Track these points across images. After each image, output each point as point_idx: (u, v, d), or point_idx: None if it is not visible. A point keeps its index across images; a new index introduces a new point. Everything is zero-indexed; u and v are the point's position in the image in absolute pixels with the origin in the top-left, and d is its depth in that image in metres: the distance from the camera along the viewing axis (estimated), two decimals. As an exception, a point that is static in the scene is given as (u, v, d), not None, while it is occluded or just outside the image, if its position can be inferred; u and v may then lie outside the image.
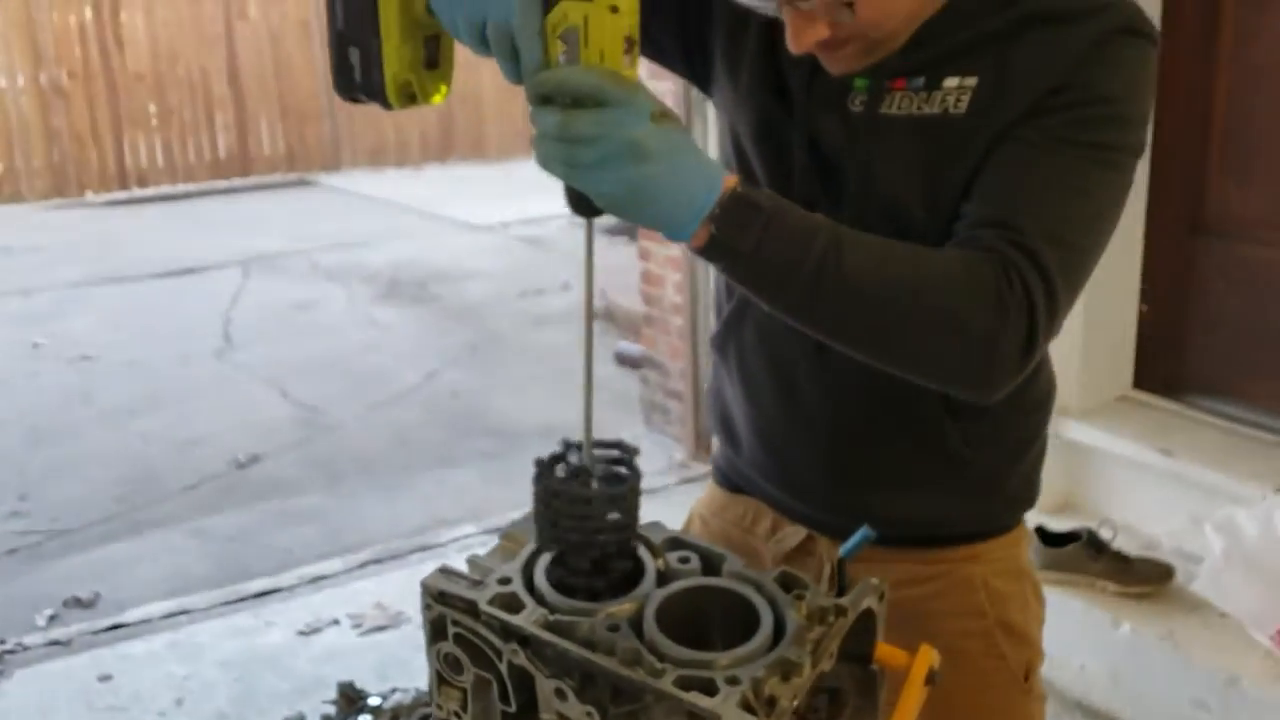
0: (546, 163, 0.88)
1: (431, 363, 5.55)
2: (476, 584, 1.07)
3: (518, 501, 3.89)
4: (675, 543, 1.12)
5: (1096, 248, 1.06)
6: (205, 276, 7.58)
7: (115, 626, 3.20)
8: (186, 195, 11.25)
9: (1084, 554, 2.63)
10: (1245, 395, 2.81)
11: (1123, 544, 2.70)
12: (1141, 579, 2.60)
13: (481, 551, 1.09)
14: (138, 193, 11.43)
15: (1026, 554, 1.33)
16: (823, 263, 0.96)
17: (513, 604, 1.03)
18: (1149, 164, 2.86)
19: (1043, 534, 2.69)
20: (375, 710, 2.39)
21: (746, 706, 0.92)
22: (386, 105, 0.99)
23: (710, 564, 1.10)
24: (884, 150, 1.11)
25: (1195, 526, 2.61)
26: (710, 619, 1.06)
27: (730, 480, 1.39)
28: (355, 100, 1.01)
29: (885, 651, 1.10)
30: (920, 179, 1.10)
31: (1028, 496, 1.30)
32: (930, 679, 1.08)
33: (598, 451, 1.10)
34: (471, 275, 7.33)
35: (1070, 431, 2.91)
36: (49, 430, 4.82)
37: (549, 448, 1.13)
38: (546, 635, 0.99)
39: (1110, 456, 2.87)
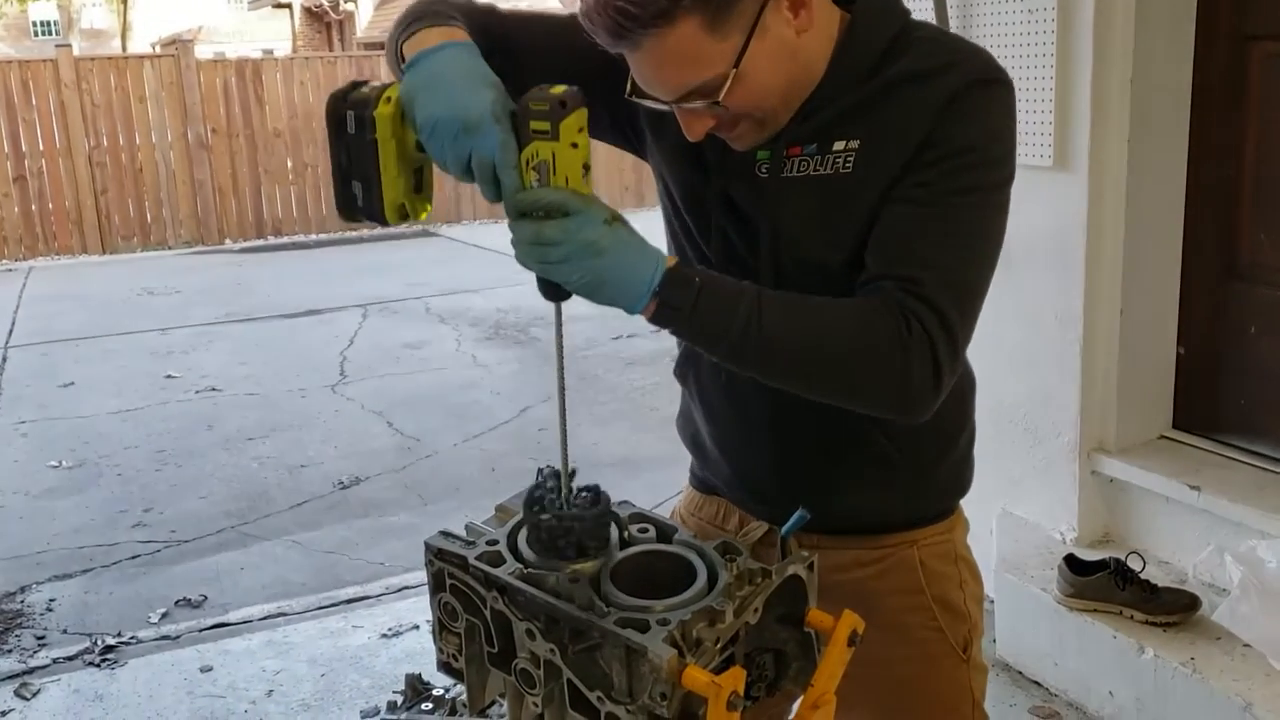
0: (525, 261, 1.13)
1: (525, 399, 5.85)
2: (469, 544, 1.30)
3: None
4: (638, 516, 1.34)
5: (984, 274, 1.25)
6: (327, 318, 8.05)
7: (219, 625, 3.53)
8: (317, 244, 11.88)
9: (1111, 583, 2.73)
10: (1276, 435, 2.89)
11: (1154, 575, 2.79)
12: (1167, 609, 2.70)
13: None
14: (272, 241, 12.15)
15: (963, 540, 1.50)
16: (746, 323, 1.17)
17: (495, 560, 1.26)
18: (1184, 211, 2.98)
19: (1072, 563, 2.80)
20: (438, 699, 2.63)
21: (673, 643, 1.13)
22: (384, 224, 1.23)
23: (664, 534, 1.31)
24: (789, 208, 1.30)
25: (1221, 559, 2.70)
26: (660, 579, 1.27)
27: (704, 484, 1.59)
28: (356, 220, 1.25)
29: (816, 617, 1.28)
30: (822, 231, 1.28)
31: (957, 487, 1.48)
32: (852, 640, 1.26)
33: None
34: (570, 319, 7.43)
35: (1108, 468, 3.02)
36: (174, 453, 5.24)
37: (624, 478, 1.34)
38: (519, 585, 1.22)
39: (1145, 492, 2.97)
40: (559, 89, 1.11)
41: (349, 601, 3.65)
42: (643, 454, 4.84)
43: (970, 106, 1.22)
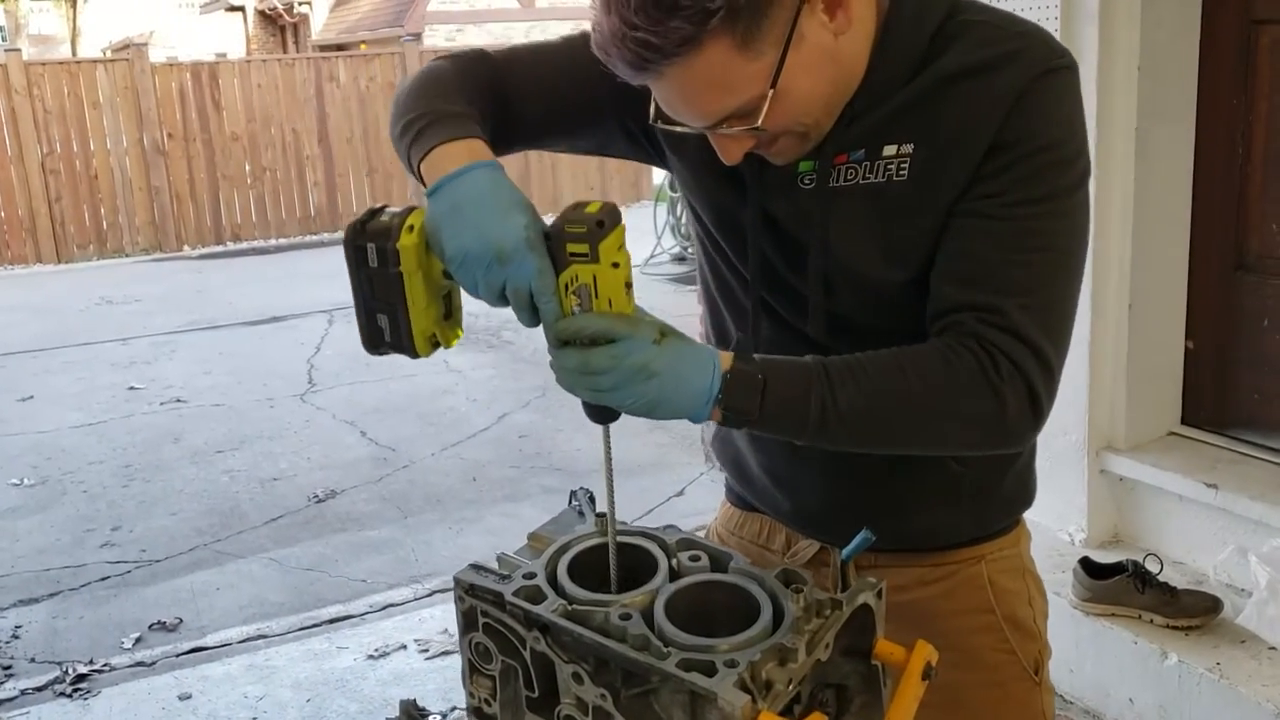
0: (574, 389, 1.04)
1: (503, 405, 5.72)
2: (504, 578, 1.18)
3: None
4: (687, 543, 1.23)
5: (1071, 289, 1.14)
6: (292, 325, 7.88)
7: (196, 649, 3.38)
8: (278, 249, 11.70)
9: (1130, 586, 2.65)
10: (1293, 430, 2.83)
11: (1170, 577, 2.72)
12: (1188, 612, 2.62)
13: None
14: (231, 246, 11.94)
15: (1028, 552, 1.41)
16: (823, 410, 1.08)
17: (536, 596, 1.14)
18: (1191, 202, 2.91)
19: (1088, 565, 2.72)
20: (436, 727, 2.51)
21: (743, 687, 1.02)
22: (414, 356, 1.13)
23: (718, 563, 1.20)
24: (838, 220, 1.18)
25: (1241, 559, 2.63)
26: (717, 612, 1.16)
27: (744, 501, 1.48)
28: (382, 354, 1.15)
29: (884, 648, 1.18)
30: (875, 243, 1.17)
31: (1023, 497, 1.38)
32: (927, 673, 1.16)
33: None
34: (543, 323, 7.49)
35: (1118, 467, 2.94)
36: (141, 467, 5.06)
37: (617, 483, 1.22)
38: (565, 623, 1.10)
39: (1157, 491, 2.90)
40: (594, 206, 1.02)
41: (332, 621, 3.52)
42: (630, 460, 4.72)
43: (1041, 101, 1.10)
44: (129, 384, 6.47)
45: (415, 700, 2.61)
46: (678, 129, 1.13)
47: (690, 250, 8.93)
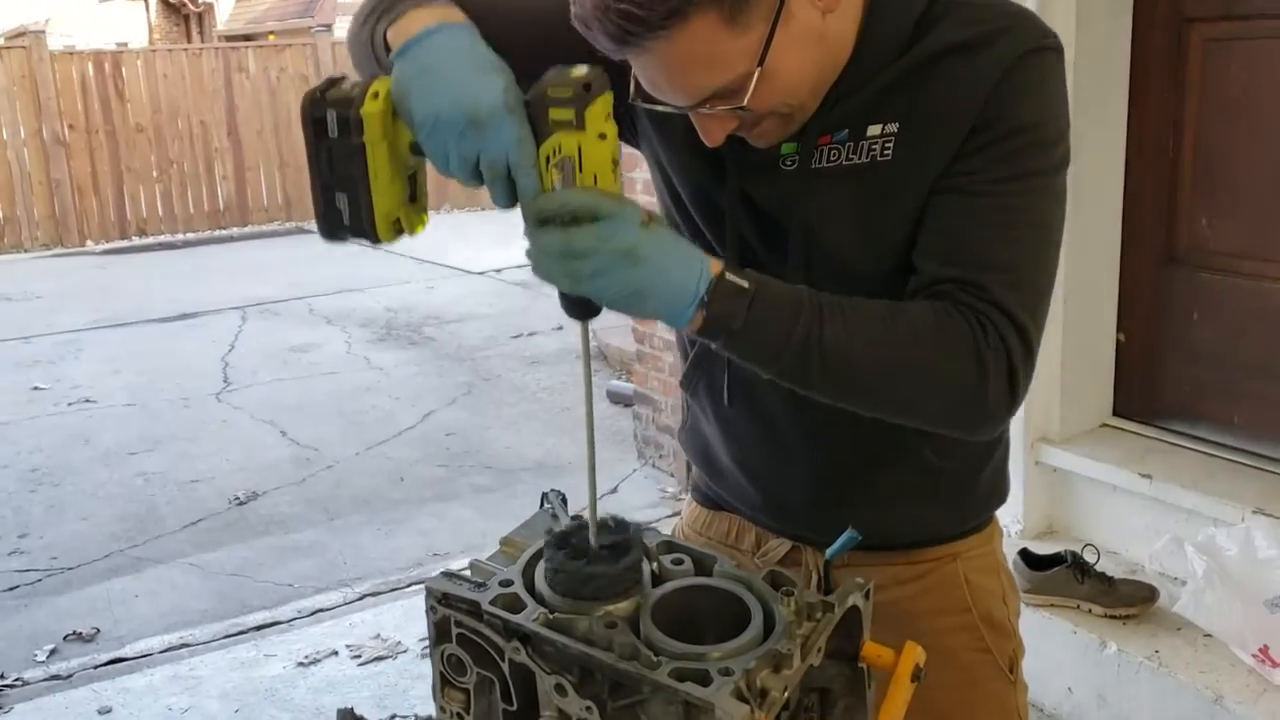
0: (550, 277, 0.96)
1: (428, 403, 5.61)
2: (479, 586, 1.12)
3: (514, 535, 3.91)
4: (669, 545, 1.18)
5: (1050, 270, 1.13)
6: (204, 321, 7.66)
7: (115, 660, 3.25)
8: (186, 244, 11.39)
9: (1069, 577, 2.68)
10: (1220, 420, 2.88)
11: (1106, 567, 2.75)
12: (1126, 601, 2.65)
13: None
14: (137, 241, 11.58)
15: (1000, 549, 1.40)
16: (806, 336, 1.03)
17: (514, 604, 1.09)
18: (1122, 196, 2.95)
19: (1027, 557, 2.74)
20: (377, 736, 2.43)
21: (739, 696, 0.98)
22: (376, 242, 1.04)
23: (702, 566, 1.16)
24: (820, 202, 1.15)
25: (1177, 549, 2.67)
26: (703, 617, 1.12)
27: (711, 499, 1.44)
28: (340, 241, 1.05)
29: (872, 650, 1.15)
30: (858, 226, 1.14)
31: (998, 494, 1.37)
32: (916, 675, 1.13)
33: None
34: (466, 318, 7.41)
35: (1052, 458, 2.97)
36: (49, 471, 4.86)
37: (544, 483, 1.18)
38: (547, 633, 1.05)
39: (1092, 482, 2.93)
40: (580, 71, 0.94)
41: (259, 628, 3.40)
42: (561, 457, 4.67)
43: (1026, 79, 1.08)
44: (33, 384, 6.23)
45: (353, 709, 2.52)
46: (659, 108, 1.08)
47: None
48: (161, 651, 3.28)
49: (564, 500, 1.30)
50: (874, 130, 1.12)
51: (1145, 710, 2.54)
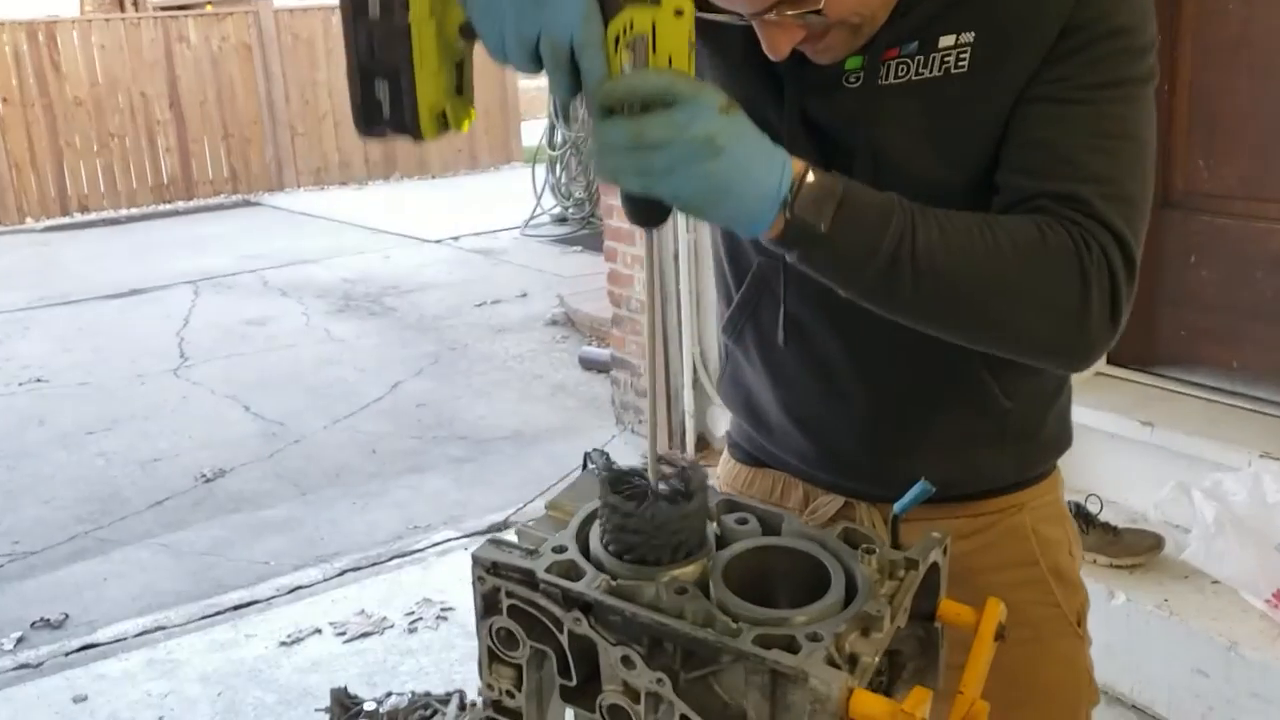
0: (618, 175, 0.85)
1: (394, 374, 5.48)
2: (530, 553, 1.03)
3: (495, 504, 3.86)
4: (730, 504, 1.10)
5: (1149, 186, 1.05)
6: (155, 297, 7.45)
7: (87, 646, 3.11)
8: (130, 219, 11.09)
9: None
10: (1219, 365, 2.84)
11: (1109, 517, 2.71)
12: (1132, 550, 2.62)
13: (465, 555, 1.05)
14: (80, 218, 11.25)
15: (1063, 499, 1.33)
16: (898, 245, 0.93)
17: (572, 571, 1.00)
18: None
19: (1034, 510, 2.69)
20: (372, 715, 2.33)
21: (831, 663, 0.90)
22: (419, 137, 0.92)
23: (769, 525, 1.07)
24: (888, 122, 1.06)
25: (1181, 496, 2.63)
26: (777, 580, 1.04)
27: (753, 455, 1.36)
28: (379, 136, 0.94)
29: (950, 609, 1.07)
30: (931, 145, 1.06)
31: (1064, 438, 1.30)
32: (999, 634, 1.06)
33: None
34: (426, 288, 7.26)
35: (1053, 409, 2.93)
36: (4, 454, 4.69)
37: (521, 451, 1.08)
38: (612, 600, 0.96)
39: (1091, 431, 2.89)
40: None
41: (236, 608, 3.28)
42: (536, 425, 4.57)
43: None
44: (-21, 365, 6.02)
45: (345, 688, 2.43)
46: (721, 18, 0.99)
47: (571, 210, 8.75)
48: (136, 635, 3.15)
49: (608, 460, 1.21)
50: (947, 41, 1.04)
51: (1156, 659, 2.50)
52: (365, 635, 3.06)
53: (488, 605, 1.06)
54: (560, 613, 0.99)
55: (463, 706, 2.32)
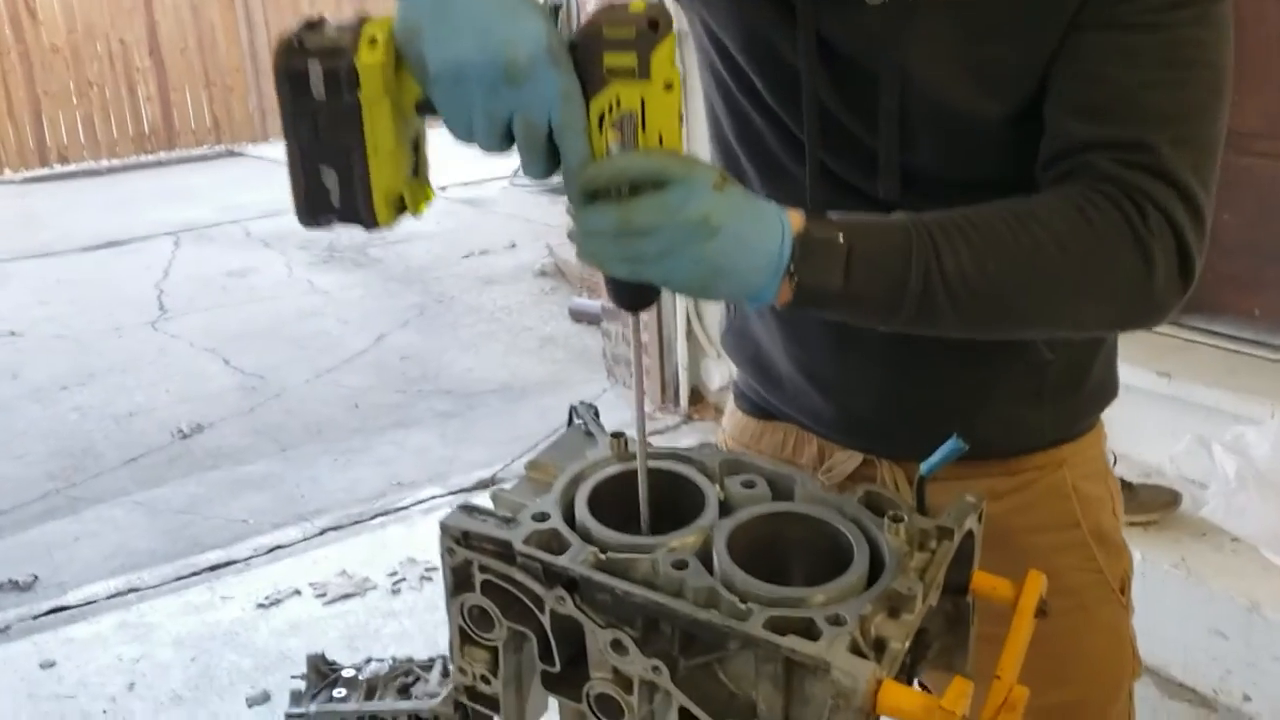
0: (603, 261, 0.78)
1: (378, 326, 5.34)
2: (507, 522, 0.90)
3: (482, 460, 3.73)
4: (734, 464, 0.97)
5: (1222, 120, 0.91)
6: (134, 249, 7.27)
7: (57, 609, 2.99)
8: (110, 170, 10.88)
9: (1088, 484, 2.52)
10: (1240, 313, 2.72)
11: (1122, 471, 2.59)
12: (1147, 507, 2.50)
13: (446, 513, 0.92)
14: (59, 169, 11.02)
15: (1106, 453, 1.20)
16: (926, 278, 0.84)
17: (554, 543, 0.88)
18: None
19: (1045, 466, 2.58)
20: (350, 682, 2.22)
21: (855, 651, 0.77)
22: (372, 226, 0.81)
23: (779, 488, 0.94)
24: (919, 44, 0.92)
25: (1200, 450, 2.52)
26: (788, 552, 0.91)
27: (763, 408, 1.23)
28: (324, 226, 0.83)
29: (985, 581, 0.95)
30: (968, 72, 0.92)
31: (1109, 389, 1.18)
32: (1041, 610, 0.94)
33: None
34: (412, 238, 7.09)
35: (1064, 360, 2.80)
36: (-26, 409, 4.55)
37: (509, 406, 0.95)
38: (601, 577, 0.84)
39: (1107, 383, 2.77)
40: (640, 4, 0.74)
41: (213, 568, 3.16)
42: (525, 378, 4.43)
43: None
44: (-47, 319, 5.86)
45: (323, 654, 2.32)
46: None
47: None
48: (107, 598, 3.03)
49: (596, 414, 1.07)
50: None
51: (1173, 620, 2.39)
52: (346, 597, 2.95)
53: (459, 580, 0.93)
54: (541, 590, 0.87)
55: (446, 672, 2.21)
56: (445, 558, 0.93)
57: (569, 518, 0.91)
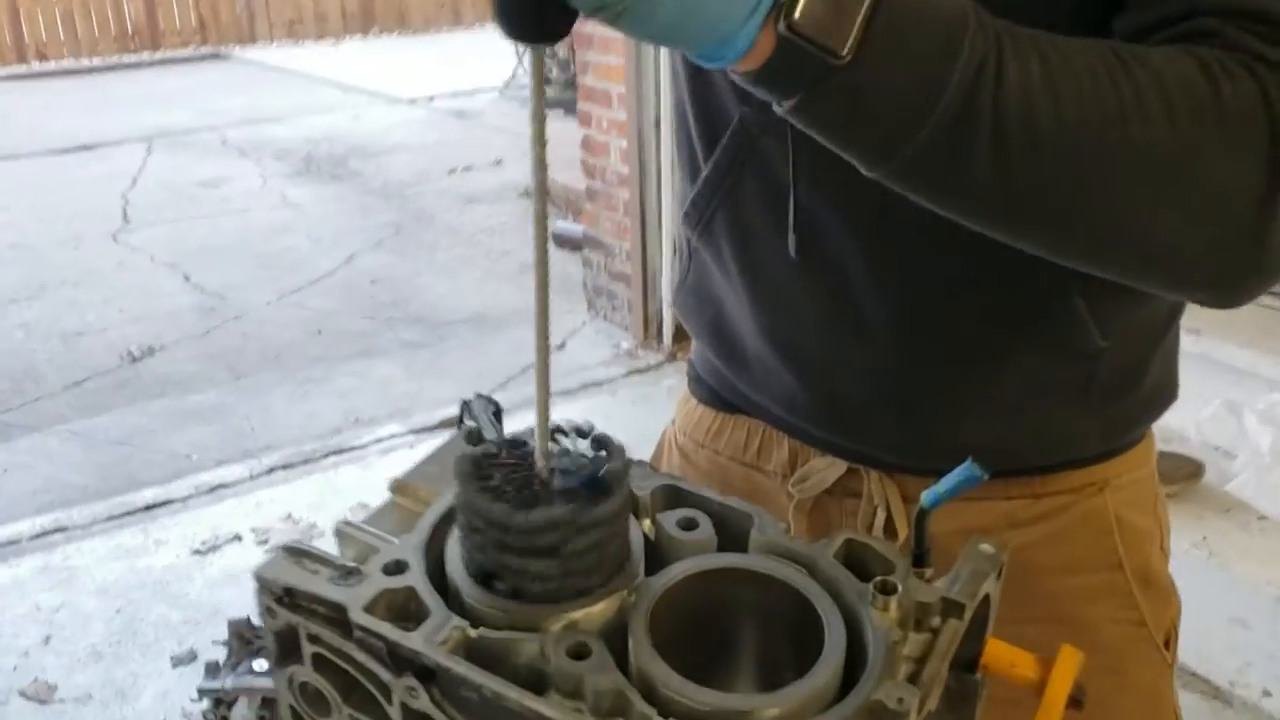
0: None
1: (351, 245, 5.07)
2: (349, 573, 0.65)
3: (448, 396, 3.48)
4: (672, 492, 0.71)
5: None
6: (104, 153, 6.99)
7: (-24, 550, 2.77)
8: (91, 70, 10.57)
9: (1102, 452, 2.29)
10: None
11: (1141, 438, 2.36)
12: (1168, 477, 2.26)
13: (408, 458, 0.68)
14: (38, 67, 10.72)
15: (1156, 472, 0.95)
16: (977, 82, 0.55)
17: (409, 610, 0.63)
18: None
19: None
20: (276, 654, 1.99)
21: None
22: None
23: (729, 530, 0.69)
24: None
25: (1229, 416, 2.28)
26: (736, 626, 0.66)
27: (721, 397, 0.97)
28: None
29: (1000, 654, 0.71)
30: None
31: (1168, 390, 0.93)
32: (1076, 700, 0.69)
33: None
34: (395, 150, 6.79)
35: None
36: (-85, 322, 4.30)
37: (481, 337, 0.69)
38: (464, 668, 0.58)
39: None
40: None
41: (148, 508, 2.94)
42: (501, 307, 4.18)
43: None
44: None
45: (249, 618, 2.09)
46: None
47: (555, 72, 8.17)
48: (31, 538, 2.81)
49: (496, 411, 0.81)
50: None
51: (1189, 604, 2.15)
52: (290, 544, 2.72)
53: (284, 648, 0.68)
54: (388, 677, 0.62)
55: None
56: (266, 618, 0.68)
57: (438, 569, 0.66)
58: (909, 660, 0.62)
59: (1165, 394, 0.90)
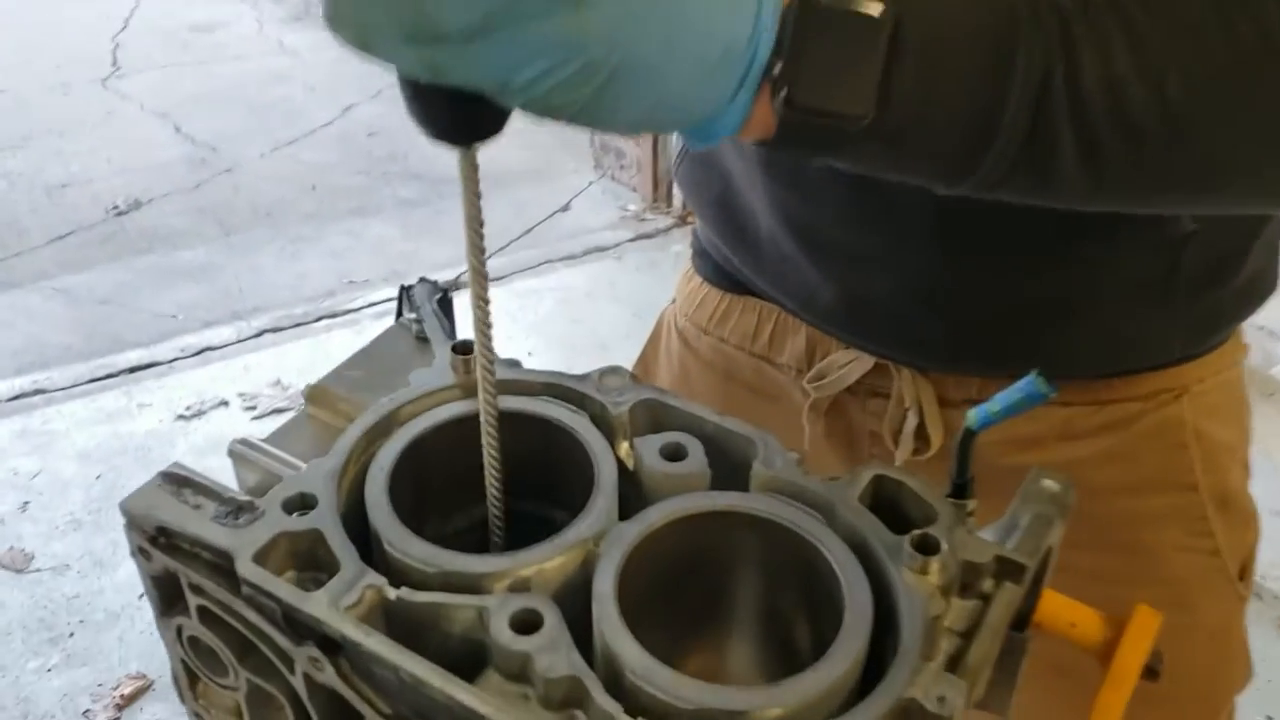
0: (375, 42, 0.45)
1: (348, 95, 4.83)
2: (241, 509, 0.52)
3: (445, 259, 3.31)
4: (654, 413, 0.57)
5: None
6: (95, -7, 6.66)
7: (-51, 412, 2.67)
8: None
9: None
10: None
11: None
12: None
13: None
14: (23, -100, 10.16)
15: (1243, 375, 0.81)
16: (1041, 101, 0.45)
17: (315, 558, 0.50)
18: None
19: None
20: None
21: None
22: None
23: (726, 457, 0.55)
24: None
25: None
26: (733, 584, 0.53)
27: (730, 277, 0.82)
28: None
29: (1059, 610, 0.58)
30: None
31: (1268, 279, 0.78)
32: (1152, 672, 0.57)
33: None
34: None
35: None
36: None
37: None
38: (374, 643, 0.45)
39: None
40: None
41: (132, 370, 2.81)
42: (503, 165, 3.97)
43: None
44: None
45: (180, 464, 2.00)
46: None
47: None
48: (9, 399, 2.69)
49: (444, 300, 0.66)
50: None
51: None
52: (278, 411, 2.62)
53: (165, 596, 0.55)
54: (288, 645, 0.49)
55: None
56: (138, 560, 0.55)
57: (354, 506, 0.52)
58: (951, 634, 0.49)
59: (1261, 287, 0.75)
